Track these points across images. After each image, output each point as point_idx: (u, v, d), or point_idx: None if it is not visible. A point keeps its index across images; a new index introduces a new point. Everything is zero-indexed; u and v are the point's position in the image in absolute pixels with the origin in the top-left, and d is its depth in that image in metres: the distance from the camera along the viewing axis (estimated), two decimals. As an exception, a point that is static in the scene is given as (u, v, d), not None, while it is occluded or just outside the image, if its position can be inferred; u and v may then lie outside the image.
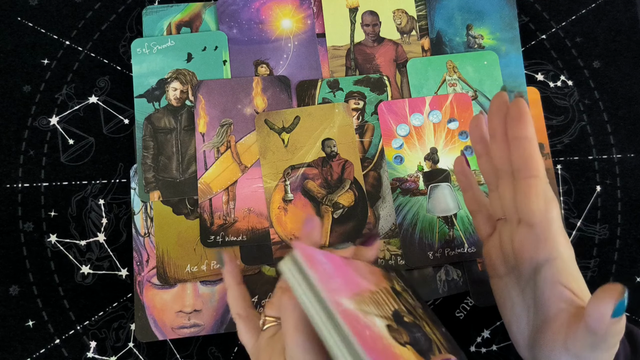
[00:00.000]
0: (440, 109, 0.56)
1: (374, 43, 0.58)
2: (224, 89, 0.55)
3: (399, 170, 0.54)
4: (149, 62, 0.55)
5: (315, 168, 0.54)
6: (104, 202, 0.53)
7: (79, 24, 0.57)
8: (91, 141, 0.55)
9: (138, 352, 0.51)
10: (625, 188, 0.56)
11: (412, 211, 0.53)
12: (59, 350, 0.51)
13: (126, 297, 0.52)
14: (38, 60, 0.56)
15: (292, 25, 0.57)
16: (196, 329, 0.51)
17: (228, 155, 0.54)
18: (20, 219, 0.53)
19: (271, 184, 0.53)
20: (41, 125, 0.55)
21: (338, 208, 0.53)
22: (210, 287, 0.51)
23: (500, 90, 0.42)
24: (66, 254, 0.52)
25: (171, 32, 0.56)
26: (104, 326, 0.51)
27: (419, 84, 0.56)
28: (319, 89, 0.56)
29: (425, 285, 0.52)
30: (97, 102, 0.56)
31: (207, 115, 0.54)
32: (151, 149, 0.54)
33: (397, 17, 0.58)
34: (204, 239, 0.52)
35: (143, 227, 0.53)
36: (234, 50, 0.56)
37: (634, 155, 0.57)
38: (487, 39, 0.58)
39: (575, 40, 0.59)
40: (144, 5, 0.58)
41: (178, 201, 0.53)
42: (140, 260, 0.52)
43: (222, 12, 0.57)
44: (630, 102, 0.58)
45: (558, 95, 0.58)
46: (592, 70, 0.59)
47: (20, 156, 0.54)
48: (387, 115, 0.55)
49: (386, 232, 0.53)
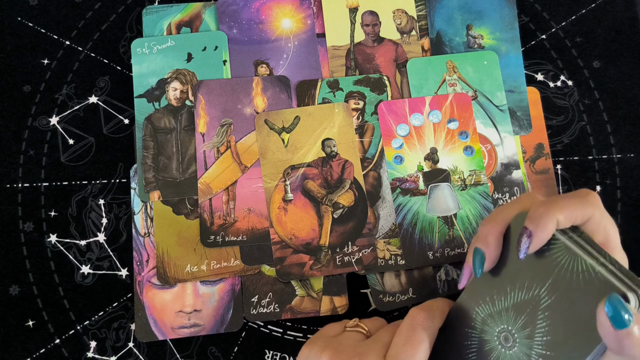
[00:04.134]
0: (440, 109, 0.56)
1: (374, 43, 0.58)
2: (224, 89, 0.55)
3: (399, 170, 0.54)
4: (149, 62, 0.55)
5: (315, 168, 0.54)
6: (104, 202, 0.53)
7: (79, 24, 0.57)
8: (91, 141, 0.55)
9: (138, 352, 0.51)
10: (625, 188, 0.56)
11: (412, 211, 0.53)
12: (59, 350, 0.51)
13: (126, 297, 0.52)
14: (38, 60, 0.56)
15: (292, 25, 0.57)
16: (196, 329, 0.51)
17: (228, 155, 0.54)
18: (20, 219, 0.53)
19: (271, 184, 0.53)
20: (41, 125, 0.55)
21: (338, 208, 0.53)
22: (210, 287, 0.51)
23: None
24: (66, 254, 0.52)
25: (171, 32, 0.56)
26: (104, 326, 0.51)
27: (419, 84, 0.57)
28: (319, 89, 0.56)
29: (425, 285, 0.52)
30: (97, 102, 0.56)
31: (207, 115, 0.54)
32: (151, 149, 0.54)
33: (397, 17, 0.58)
34: (204, 239, 0.52)
35: (143, 227, 0.53)
36: (234, 50, 0.56)
37: (634, 155, 0.57)
38: (487, 39, 0.58)
39: (575, 40, 0.59)
40: (144, 5, 0.58)
41: (178, 201, 0.53)
42: (140, 260, 0.52)
43: (222, 12, 0.57)
44: (630, 102, 0.58)
45: (558, 95, 0.58)
46: (592, 70, 0.59)
47: (20, 156, 0.54)
48: (387, 115, 0.55)
49: (386, 232, 0.53)
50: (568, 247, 0.36)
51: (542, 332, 0.36)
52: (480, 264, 0.38)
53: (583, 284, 0.34)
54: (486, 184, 0.54)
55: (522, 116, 0.57)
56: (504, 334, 0.38)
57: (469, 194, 0.54)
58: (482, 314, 0.39)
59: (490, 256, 0.38)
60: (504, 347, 0.38)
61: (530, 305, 0.37)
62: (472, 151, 0.55)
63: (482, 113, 0.56)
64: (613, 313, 0.32)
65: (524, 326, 0.37)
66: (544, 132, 0.57)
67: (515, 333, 0.37)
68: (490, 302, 0.39)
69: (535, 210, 0.36)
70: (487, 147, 0.56)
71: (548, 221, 0.35)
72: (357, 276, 0.52)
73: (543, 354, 0.36)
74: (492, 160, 0.56)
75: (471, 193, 0.54)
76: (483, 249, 0.38)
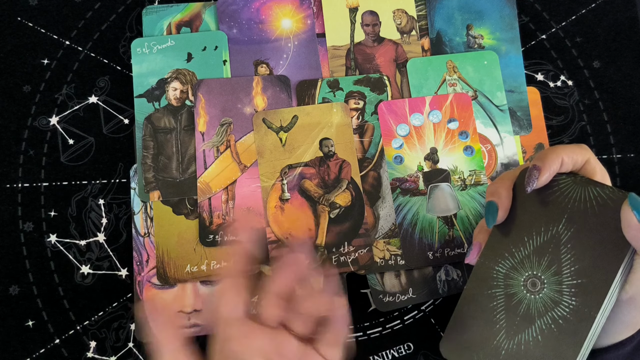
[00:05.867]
0: (440, 109, 0.55)
1: (374, 43, 0.58)
2: (224, 88, 0.55)
3: (399, 170, 0.54)
4: (149, 62, 0.55)
5: (313, 167, 0.54)
6: (104, 202, 0.53)
7: (79, 24, 0.57)
8: (91, 141, 0.55)
9: (138, 352, 0.51)
10: (625, 188, 0.56)
11: (412, 211, 0.53)
12: (58, 350, 0.51)
13: (126, 297, 0.52)
14: (38, 60, 0.56)
15: (292, 25, 0.57)
16: (196, 329, 0.51)
17: (228, 154, 0.54)
18: (20, 219, 0.53)
19: (268, 183, 0.53)
20: (41, 125, 0.55)
21: (335, 208, 0.53)
22: (210, 287, 0.51)
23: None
24: (66, 254, 0.52)
25: (171, 32, 0.57)
26: (103, 326, 0.51)
27: (419, 83, 0.56)
28: (319, 89, 0.56)
29: (425, 285, 0.52)
30: (97, 102, 0.56)
31: (207, 115, 0.54)
32: (151, 148, 0.54)
33: (397, 17, 0.58)
34: (203, 238, 0.52)
35: (143, 227, 0.53)
36: (234, 50, 0.56)
37: (634, 155, 0.57)
38: (487, 39, 0.58)
39: (575, 40, 0.59)
40: (144, 5, 0.58)
41: (178, 201, 0.53)
42: (140, 260, 0.52)
43: (222, 12, 0.57)
44: (630, 102, 0.58)
45: (558, 95, 0.58)
46: (592, 70, 0.59)
47: (20, 156, 0.54)
48: (387, 115, 0.55)
49: (386, 232, 0.53)
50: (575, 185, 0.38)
51: (569, 264, 0.38)
52: (494, 213, 0.41)
53: (597, 207, 0.37)
54: (486, 184, 0.54)
55: (522, 116, 0.57)
56: (531, 279, 0.39)
57: (469, 194, 0.54)
58: (503, 270, 0.41)
59: (502, 205, 0.41)
60: (532, 294, 0.39)
61: (552, 244, 0.39)
62: (472, 151, 0.55)
63: (482, 113, 0.56)
64: (637, 207, 0.35)
65: (549, 265, 0.38)
66: (544, 132, 0.57)
67: (542, 275, 0.39)
68: (510, 256, 0.40)
69: (540, 152, 0.40)
70: (487, 147, 0.56)
71: (554, 157, 0.38)
72: (357, 276, 0.52)
73: (574, 284, 0.37)
74: (492, 160, 0.55)
75: (471, 193, 0.54)
76: (495, 200, 0.41)
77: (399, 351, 0.52)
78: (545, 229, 0.39)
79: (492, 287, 0.41)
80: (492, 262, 0.41)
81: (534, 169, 0.39)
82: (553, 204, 0.39)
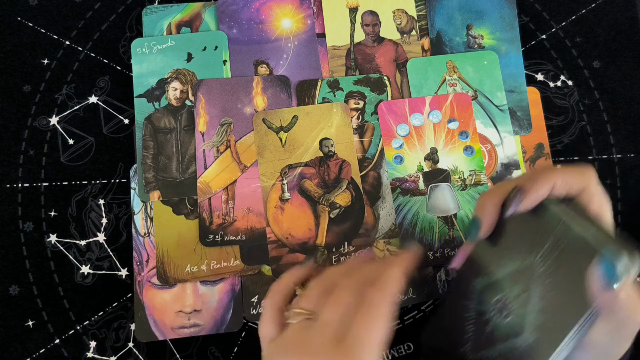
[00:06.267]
0: (440, 109, 0.55)
1: (374, 43, 0.58)
2: (224, 88, 0.55)
3: (399, 170, 0.54)
4: (149, 62, 0.55)
5: (313, 167, 0.54)
6: (104, 202, 0.53)
7: (79, 24, 0.57)
8: (91, 141, 0.55)
9: (138, 352, 0.51)
10: (625, 188, 0.56)
11: (412, 211, 0.53)
12: (58, 350, 0.51)
13: (126, 297, 0.52)
14: (38, 60, 0.56)
15: (292, 25, 0.57)
16: (196, 329, 0.51)
17: (228, 154, 0.54)
18: (20, 219, 0.53)
19: (268, 183, 0.53)
20: (41, 125, 0.55)
21: (335, 208, 0.53)
22: (210, 287, 0.51)
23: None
24: (66, 254, 0.52)
25: (171, 32, 0.56)
26: (103, 326, 0.51)
27: (419, 83, 0.56)
28: (319, 89, 0.56)
29: (425, 285, 0.52)
30: (97, 102, 0.56)
31: (207, 114, 0.54)
32: (151, 149, 0.54)
33: (397, 17, 0.58)
34: (203, 238, 0.52)
35: (143, 227, 0.53)
36: (234, 50, 0.56)
37: (634, 155, 0.57)
38: (487, 39, 0.58)
39: (575, 40, 0.59)
40: (144, 5, 0.58)
41: (178, 201, 0.53)
42: (140, 260, 0.52)
43: (222, 12, 0.57)
44: (630, 102, 0.58)
45: (558, 95, 0.58)
46: (592, 70, 0.59)
47: (20, 156, 0.54)
48: (387, 115, 0.55)
49: (386, 232, 0.53)
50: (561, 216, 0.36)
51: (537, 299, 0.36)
52: (476, 229, 0.39)
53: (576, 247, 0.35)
54: (486, 184, 0.54)
55: (522, 116, 0.57)
56: (500, 304, 0.38)
57: (469, 194, 0.54)
58: (478, 287, 0.40)
59: (485, 222, 0.39)
60: (499, 318, 0.38)
61: (526, 274, 0.37)
62: (472, 151, 0.55)
63: (482, 113, 0.56)
64: (602, 274, 0.33)
65: (519, 294, 0.37)
66: (544, 132, 0.57)
67: (510, 302, 0.38)
68: (487, 275, 0.39)
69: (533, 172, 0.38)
70: (487, 147, 0.56)
71: (544, 182, 0.36)
72: (356, 276, 0.52)
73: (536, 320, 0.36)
74: (492, 160, 0.55)
75: (471, 193, 0.54)
76: (479, 216, 0.39)
77: (399, 351, 0.52)
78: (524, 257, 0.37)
79: (468, 298, 0.40)
80: (471, 275, 0.40)
81: (518, 191, 0.37)
82: (537, 231, 0.37)
